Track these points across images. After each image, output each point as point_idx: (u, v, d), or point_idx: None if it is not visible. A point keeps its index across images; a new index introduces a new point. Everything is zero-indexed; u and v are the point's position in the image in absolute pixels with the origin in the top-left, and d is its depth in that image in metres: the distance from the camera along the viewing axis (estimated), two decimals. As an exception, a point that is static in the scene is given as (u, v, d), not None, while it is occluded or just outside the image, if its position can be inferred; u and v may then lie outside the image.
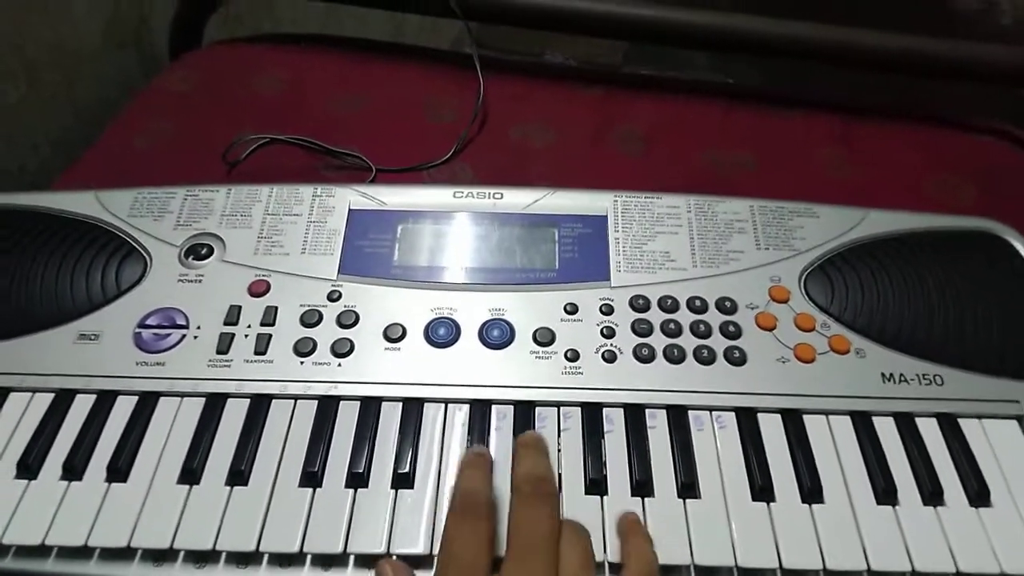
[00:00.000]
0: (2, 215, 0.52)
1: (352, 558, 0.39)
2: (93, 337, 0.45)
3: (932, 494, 0.41)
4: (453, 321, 0.47)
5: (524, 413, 0.43)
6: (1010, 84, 0.72)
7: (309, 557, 0.39)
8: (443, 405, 0.44)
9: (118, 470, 0.41)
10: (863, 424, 0.43)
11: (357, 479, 0.40)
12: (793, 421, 0.43)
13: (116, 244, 0.50)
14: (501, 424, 0.43)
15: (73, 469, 0.41)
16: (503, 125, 0.71)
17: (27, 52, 0.69)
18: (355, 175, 0.64)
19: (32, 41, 0.69)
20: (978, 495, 0.41)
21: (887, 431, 0.43)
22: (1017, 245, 0.50)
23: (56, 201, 0.52)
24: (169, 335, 0.45)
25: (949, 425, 0.43)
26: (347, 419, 0.43)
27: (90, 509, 0.39)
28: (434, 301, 0.48)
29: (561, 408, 0.44)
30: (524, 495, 0.37)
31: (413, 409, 0.44)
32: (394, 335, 0.46)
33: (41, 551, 0.39)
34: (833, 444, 0.43)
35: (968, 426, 0.44)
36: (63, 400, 0.44)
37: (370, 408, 0.43)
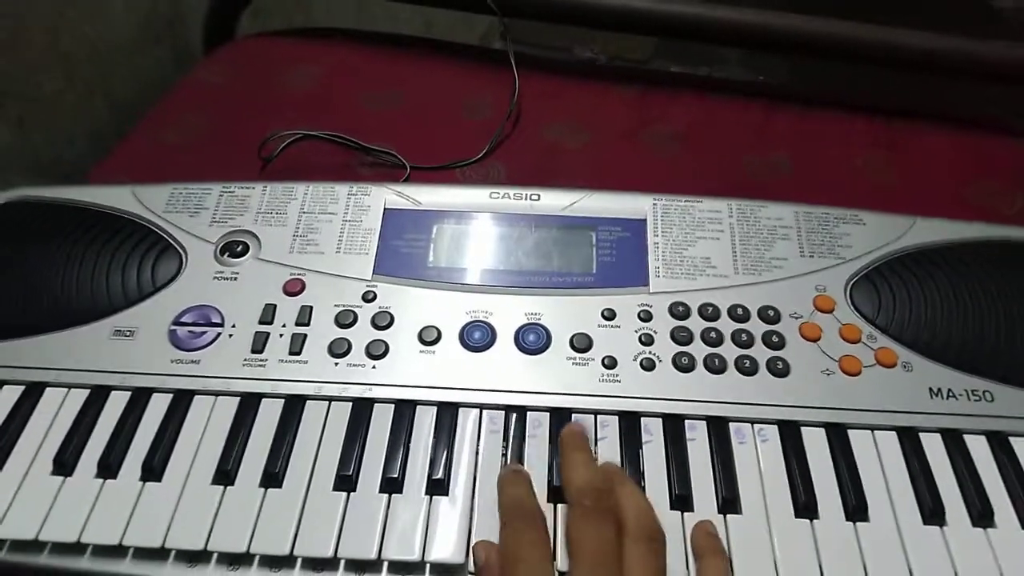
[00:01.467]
0: (39, 208, 0.52)
1: (386, 565, 0.38)
2: (128, 334, 0.45)
3: (981, 515, 0.39)
4: (488, 325, 0.46)
5: (560, 420, 0.43)
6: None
7: (343, 563, 0.38)
8: (478, 410, 0.43)
9: (152, 469, 0.40)
10: (909, 440, 0.42)
11: (392, 484, 0.40)
12: (837, 436, 0.42)
13: (152, 240, 0.49)
14: (536, 431, 0.42)
15: (108, 467, 0.41)
16: (537, 124, 0.70)
17: (63, 45, 0.69)
18: (388, 172, 0.63)
19: (69, 35, 0.69)
20: (1029, 517, 0.39)
21: (934, 448, 0.42)
22: (1071, 257, 0.49)
23: (92, 195, 0.52)
24: (204, 333, 0.45)
25: (999, 443, 0.42)
26: (381, 422, 0.43)
27: (125, 508, 0.39)
28: (469, 304, 0.47)
29: (598, 416, 0.43)
30: (585, 509, 0.36)
31: (447, 414, 0.43)
32: (429, 338, 0.45)
33: (76, 549, 0.39)
34: (879, 460, 0.41)
35: (1019, 445, 0.42)
36: (98, 396, 0.44)
37: (404, 412, 0.43)
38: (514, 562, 0.35)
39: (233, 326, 0.46)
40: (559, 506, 0.39)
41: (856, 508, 0.39)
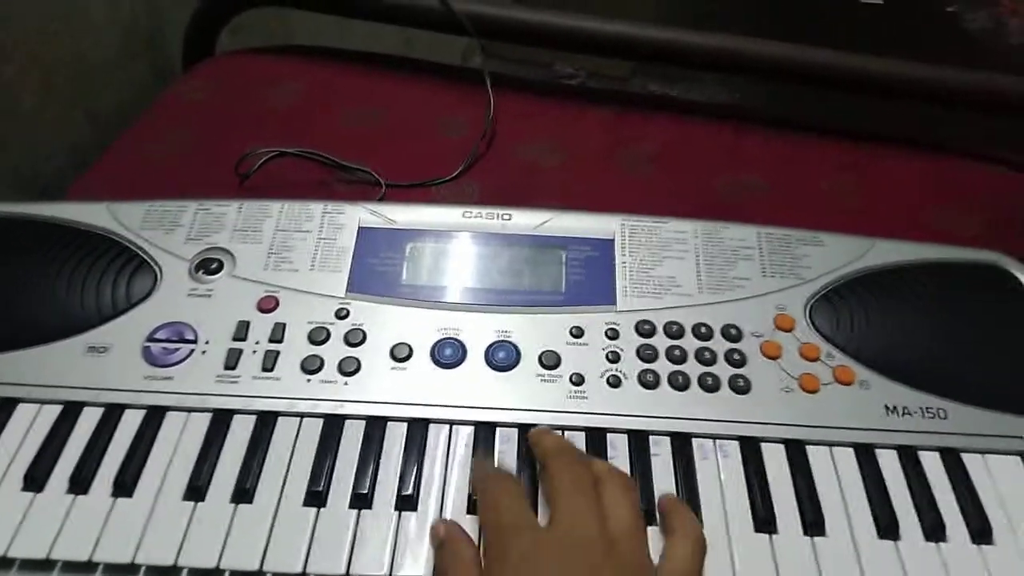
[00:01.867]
0: (14, 224, 0.52)
1: (354, 580, 0.39)
2: (102, 350, 0.46)
3: (934, 529, 0.41)
4: (459, 342, 0.47)
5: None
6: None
7: (311, 578, 0.39)
8: (448, 426, 0.44)
9: (124, 484, 0.41)
10: (866, 456, 0.43)
11: (361, 500, 0.41)
12: (796, 452, 0.43)
13: (127, 257, 0.50)
14: (505, 447, 0.43)
15: (79, 482, 0.41)
16: (512, 143, 0.71)
17: (43, 60, 0.69)
18: (364, 190, 0.64)
19: (49, 49, 0.70)
20: (980, 532, 0.41)
21: (890, 464, 0.43)
22: (1023, 278, 0.50)
23: (68, 212, 0.53)
24: (178, 349, 0.46)
25: (952, 460, 0.43)
26: (352, 438, 0.43)
27: (95, 523, 0.39)
28: (441, 321, 0.48)
29: (565, 432, 0.44)
30: (561, 461, 0.39)
31: (418, 430, 0.44)
32: (400, 355, 0.46)
33: (46, 565, 0.39)
34: (836, 476, 0.43)
35: (971, 461, 0.43)
36: (71, 412, 0.44)
37: (375, 428, 0.44)
38: (488, 508, 0.37)
39: (207, 343, 0.46)
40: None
41: (813, 523, 0.40)
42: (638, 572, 0.35)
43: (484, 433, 0.44)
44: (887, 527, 0.40)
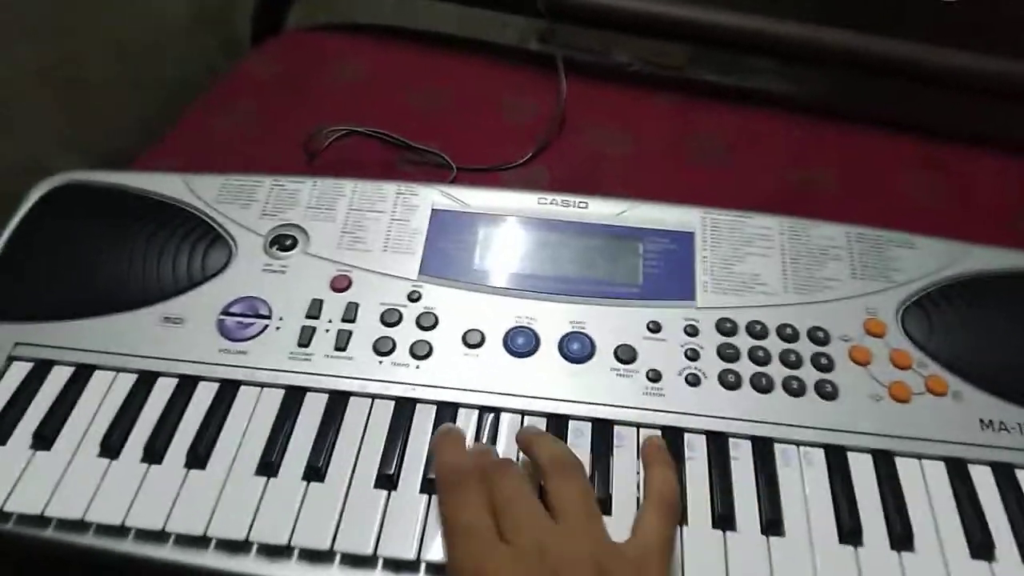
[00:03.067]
0: (91, 192, 0.53)
1: (424, 565, 0.38)
2: (178, 321, 0.46)
3: (1030, 552, 0.39)
4: (532, 331, 0.46)
5: (602, 431, 0.42)
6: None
7: (381, 561, 0.38)
8: (519, 416, 0.43)
9: (197, 456, 0.41)
10: (958, 472, 0.41)
11: (431, 485, 0.40)
12: (885, 463, 0.41)
13: (203, 229, 0.50)
14: (578, 441, 0.42)
15: (154, 452, 0.41)
16: (581, 130, 0.69)
17: (116, 34, 0.70)
18: (432, 171, 0.63)
19: (122, 22, 0.70)
20: (1080, 557, 0.38)
21: (984, 481, 0.41)
22: None
23: (144, 181, 0.53)
24: (252, 324, 0.46)
25: (1051, 480, 0.41)
26: (423, 422, 0.43)
27: (169, 494, 0.40)
28: (514, 309, 0.47)
29: (640, 430, 0.43)
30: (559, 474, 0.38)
31: (489, 418, 0.43)
32: (473, 341, 0.45)
33: (119, 531, 0.39)
34: (926, 490, 0.41)
35: (1071, 482, 0.41)
36: (146, 382, 0.44)
37: (446, 414, 0.43)
38: (451, 522, 0.36)
39: (280, 319, 0.46)
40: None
41: (902, 537, 0.39)
42: (598, 561, 0.34)
43: (557, 425, 0.43)
44: (980, 546, 0.39)
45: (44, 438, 0.42)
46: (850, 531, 0.39)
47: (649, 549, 0.35)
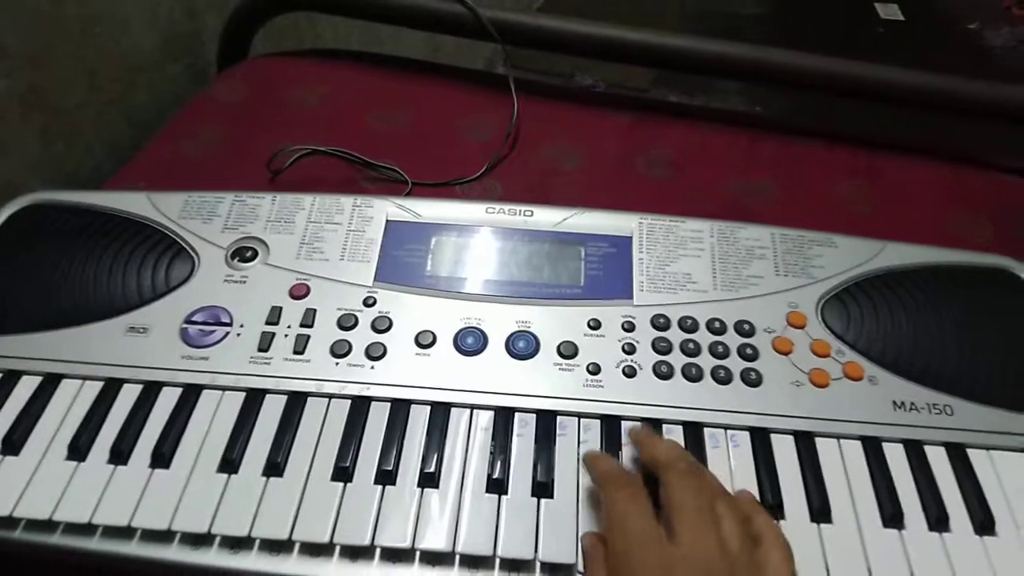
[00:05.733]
0: (59, 211, 0.55)
1: (378, 551, 0.41)
2: (142, 330, 0.48)
3: (938, 520, 0.42)
4: (481, 331, 0.49)
5: (546, 422, 0.45)
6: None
7: (338, 548, 0.41)
8: (468, 410, 0.46)
9: (162, 456, 0.43)
10: (873, 449, 0.45)
11: (386, 476, 0.43)
12: (805, 443, 0.45)
13: (166, 243, 0.53)
14: (523, 431, 0.45)
15: (120, 454, 0.43)
16: (534, 146, 0.73)
17: (87, 61, 0.72)
18: (391, 187, 0.67)
19: (93, 51, 0.73)
20: (983, 524, 0.42)
21: (896, 457, 0.45)
22: (1031, 283, 0.52)
23: (109, 200, 0.56)
24: (214, 331, 0.48)
25: (957, 455, 0.45)
26: (378, 419, 0.45)
27: (134, 492, 0.42)
28: (464, 311, 0.50)
29: (581, 419, 0.46)
30: (680, 471, 0.39)
31: (440, 413, 0.46)
32: (425, 341, 0.48)
33: (87, 530, 0.41)
34: (843, 467, 0.44)
35: (976, 456, 0.45)
36: (112, 388, 0.46)
37: (400, 410, 0.46)
38: (620, 524, 0.37)
39: (241, 326, 0.49)
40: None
41: (820, 510, 0.42)
42: None
43: (504, 417, 0.45)
44: (892, 516, 0.42)
45: (12, 444, 0.44)
46: (773, 506, 0.42)
47: None
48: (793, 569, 0.37)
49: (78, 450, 0.43)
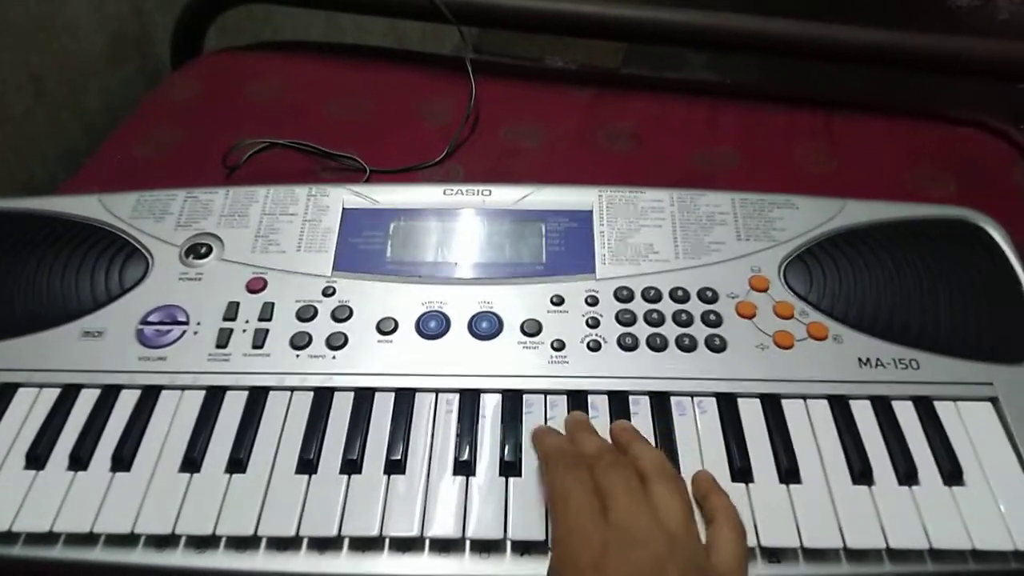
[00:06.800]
0: (9, 219, 0.54)
1: (347, 541, 0.40)
2: (97, 334, 0.47)
3: (907, 474, 0.42)
4: (443, 314, 0.48)
5: (512, 401, 0.45)
6: (995, 78, 0.73)
7: (305, 541, 0.40)
8: (434, 394, 0.45)
9: (122, 460, 0.42)
10: (840, 407, 0.45)
11: (351, 466, 0.42)
12: (772, 405, 0.44)
13: (119, 245, 0.51)
14: (488, 412, 0.45)
15: (79, 460, 0.42)
16: (495, 127, 0.72)
17: (32, 65, 0.71)
18: (351, 176, 0.66)
19: (39, 55, 0.71)
20: (951, 475, 0.42)
21: (864, 414, 0.44)
22: (992, 232, 0.52)
23: (61, 205, 0.54)
24: (170, 331, 0.47)
25: (924, 408, 0.45)
26: (341, 409, 0.45)
27: (95, 497, 0.41)
28: (425, 295, 0.49)
29: (548, 396, 0.45)
30: (606, 464, 0.38)
31: (405, 399, 0.45)
32: (386, 328, 0.48)
33: (49, 538, 0.40)
34: (811, 427, 0.44)
35: (943, 408, 0.45)
36: (69, 394, 0.45)
37: (364, 398, 0.45)
38: (564, 497, 0.37)
39: (198, 323, 0.48)
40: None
41: (789, 472, 0.42)
42: (700, 566, 0.35)
43: (469, 399, 0.45)
44: (861, 473, 0.42)
45: (-31, 457, 0.43)
46: (741, 470, 0.42)
47: (733, 567, 0.36)
48: (745, 548, 0.37)
49: (36, 459, 0.43)
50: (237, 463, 0.42)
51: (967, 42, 0.73)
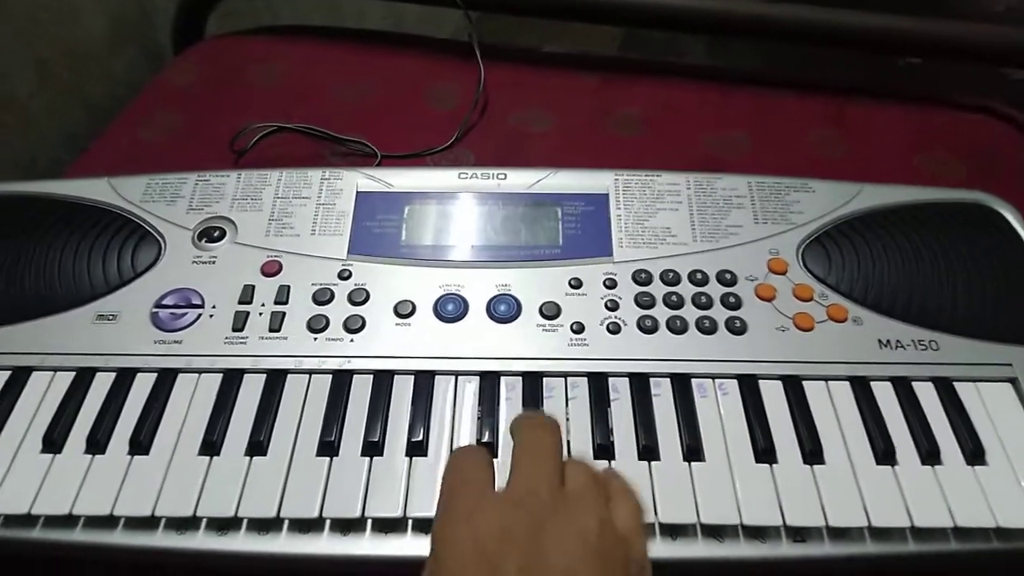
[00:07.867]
0: (19, 202, 0.53)
1: (369, 522, 0.40)
2: (111, 317, 0.47)
3: (929, 454, 0.42)
4: (461, 297, 0.48)
5: (532, 384, 0.45)
6: (995, 63, 0.74)
7: (328, 522, 0.40)
8: (453, 377, 0.45)
9: (140, 443, 0.42)
10: (861, 389, 0.45)
11: (372, 447, 0.42)
12: (793, 387, 0.44)
13: (131, 228, 0.51)
14: (510, 395, 0.44)
15: (96, 443, 0.42)
16: (503, 111, 0.72)
17: (38, 49, 0.70)
18: (360, 161, 0.65)
19: (42, 39, 0.70)
20: (973, 454, 0.42)
21: (885, 395, 0.44)
22: (1007, 215, 0.52)
23: (70, 188, 0.54)
24: (185, 314, 0.47)
25: (945, 388, 0.45)
26: (361, 392, 0.44)
27: (114, 480, 0.41)
28: (442, 278, 0.49)
29: (568, 378, 0.45)
30: (525, 424, 0.36)
31: (424, 382, 0.45)
32: (404, 311, 0.47)
33: (68, 521, 0.40)
34: (833, 408, 0.44)
35: (963, 389, 0.45)
36: (84, 378, 0.45)
37: (383, 381, 0.45)
38: (452, 474, 0.35)
39: (213, 307, 0.47)
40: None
41: (812, 452, 0.42)
42: (583, 530, 0.31)
43: (489, 381, 0.45)
44: (884, 454, 0.42)
45: (-16, 441, 0.42)
46: (764, 451, 0.42)
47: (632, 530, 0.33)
48: (642, 519, 0.34)
49: (53, 442, 0.42)
50: (257, 445, 0.42)
51: (967, 27, 0.73)
